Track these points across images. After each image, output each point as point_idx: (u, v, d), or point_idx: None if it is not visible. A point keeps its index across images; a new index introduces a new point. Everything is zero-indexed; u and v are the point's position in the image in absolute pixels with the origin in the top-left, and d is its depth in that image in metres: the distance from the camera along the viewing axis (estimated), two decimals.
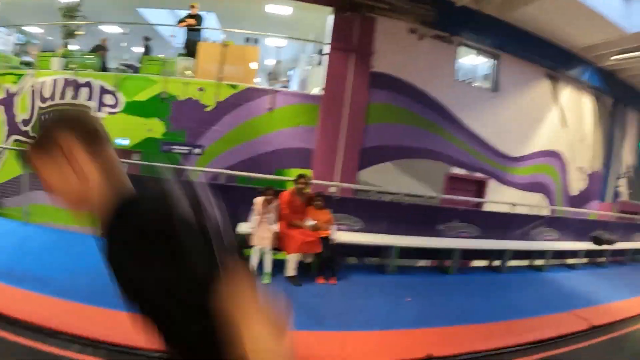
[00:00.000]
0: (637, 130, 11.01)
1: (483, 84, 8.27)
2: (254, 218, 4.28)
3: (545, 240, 7.00)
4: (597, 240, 7.63)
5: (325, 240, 4.46)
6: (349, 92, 6.88)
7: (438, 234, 5.96)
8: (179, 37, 8.07)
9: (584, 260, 7.84)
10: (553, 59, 8.51)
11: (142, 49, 8.18)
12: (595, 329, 4.18)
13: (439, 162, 7.45)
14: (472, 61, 8.47)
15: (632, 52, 8.40)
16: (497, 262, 6.29)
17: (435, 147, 7.42)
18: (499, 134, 7.89)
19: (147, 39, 8.09)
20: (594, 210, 9.46)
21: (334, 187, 6.32)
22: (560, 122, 8.70)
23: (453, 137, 7.56)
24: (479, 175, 7.75)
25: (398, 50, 7.10)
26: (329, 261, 4.47)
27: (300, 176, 4.62)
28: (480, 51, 8.19)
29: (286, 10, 7.83)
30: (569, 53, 8.69)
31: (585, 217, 8.88)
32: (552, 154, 8.55)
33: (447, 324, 3.69)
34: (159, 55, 7.47)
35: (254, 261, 4.10)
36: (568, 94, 8.94)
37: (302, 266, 4.42)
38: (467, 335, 3.50)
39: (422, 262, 5.86)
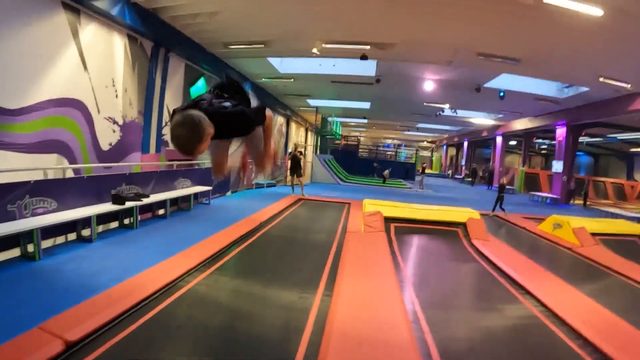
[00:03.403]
0: (183, 76, 11.82)
1: None
2: None
3: (39, 214, 6.33)
4: (119, 199, 7.54)
5: None
6: None
7: None
8: None
9: (114, 225, 7.74)
10: None
11: None
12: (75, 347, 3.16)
13: None
14: None
15: None
16: None
17: None
18: None
19: None
20: (136, 163, 9.62)
21: None
22: (81, 65, 7.95)
23: None
24: None
25: None
26: None
27: None
28: None
29: None
30: None
31: (127, 171, 8.85)
32: (71, 103, 7.81)
33: None
34: None
35: None
36: (93, 32, 8.25)
37: None
38: None
39: None
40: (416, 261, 7.26)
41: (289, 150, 23.25)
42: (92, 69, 8.23)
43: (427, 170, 47.00)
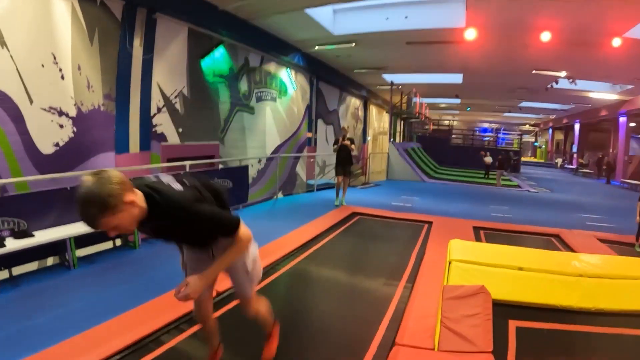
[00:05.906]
0: (186, 44, 9.15)
1: None
2: None
3: None
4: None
5: None
6: None
7: None
8: None
9: None
10: None
11: None
12: None
13: None
14: None
15: None
16: None
17: None
18: None
19: None
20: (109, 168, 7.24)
21: None
22: None
23: None
24: None
25: None
26: None
27: None
28: None
29: None
30: None
31: None
32: None
33: None
34: None
35: None
36: None
37: None
38: None
39: None
40: None
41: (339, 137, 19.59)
42: (15, 43, 5.79)
43: (530, 159, 39.99)
